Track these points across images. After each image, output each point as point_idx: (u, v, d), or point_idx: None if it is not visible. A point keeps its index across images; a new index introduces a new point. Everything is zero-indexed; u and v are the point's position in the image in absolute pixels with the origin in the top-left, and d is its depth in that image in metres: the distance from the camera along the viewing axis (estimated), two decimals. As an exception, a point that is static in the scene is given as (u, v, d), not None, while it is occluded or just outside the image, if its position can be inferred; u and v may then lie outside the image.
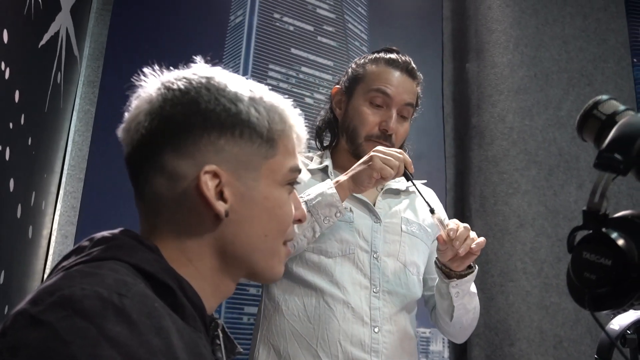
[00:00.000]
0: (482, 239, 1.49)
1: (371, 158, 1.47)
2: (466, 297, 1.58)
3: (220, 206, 0.80)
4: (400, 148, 1.71)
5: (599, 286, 0.71)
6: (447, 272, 1.55)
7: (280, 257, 0.90)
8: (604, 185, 0.71)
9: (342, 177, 1.50)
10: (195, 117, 0.80)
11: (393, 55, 1.69)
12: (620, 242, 0.70)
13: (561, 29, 2.40)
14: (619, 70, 2.37)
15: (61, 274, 0.70)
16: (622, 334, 1.11)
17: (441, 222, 1.51)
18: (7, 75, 1.31)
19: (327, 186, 1.48)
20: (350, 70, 1.73)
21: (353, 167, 1.50)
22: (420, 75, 1.71)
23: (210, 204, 0.79)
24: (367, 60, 1.70)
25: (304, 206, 1.20)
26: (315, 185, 1.51)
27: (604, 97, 0.82)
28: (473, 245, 1.47)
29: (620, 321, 1.13)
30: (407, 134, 1.69)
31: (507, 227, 2.16)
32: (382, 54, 1.70)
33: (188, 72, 0.85)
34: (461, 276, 1.54)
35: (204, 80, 0.83)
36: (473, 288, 1.62)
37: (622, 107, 0.80)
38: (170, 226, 0.81)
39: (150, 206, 0.82)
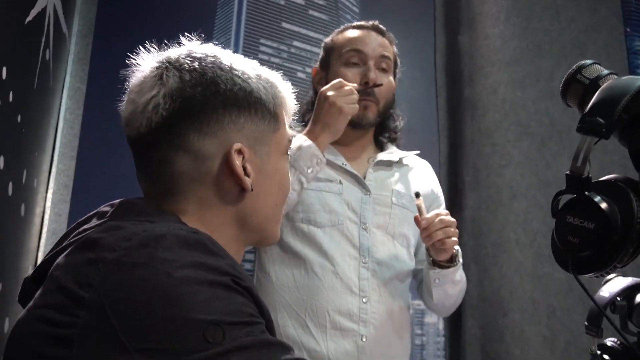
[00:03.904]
0: (453, 239, 1.51)
1: (340, 109, 1.51)
2: (447, 284, 1.60)
3: (248, 181, 0.85)
4: (390, 108, 1.72)
5: (582, 249, 0.72)
6: (433, 258, 1.57)
7: (280, 221, 0.97)
8: (587, 149, 0.72)
9: (319, 132, 1.53)
10: (216, 98, 0.84)
11: (360, 22, 1.74)
12: (604, 205, 0.71)
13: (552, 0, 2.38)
14: (611, 40, 2.35)
15: (111, 225, 0.73)
16: (612, 301, 1.11)
17: (420, 208, 1.53)
18: (-7, 52, 1.30)
19: (302, 139, 1.52)
20: (322, 48, 1.78)
21: (320, 117, 1.53)
22: (391, 35, 1.74)
23: (240, 180, 0.84)
24: (335, 34, 1.75)
25: None
26: None
27: (588, 61, 0.82)
28: (446, 240, 1.49)
29: (610, 288, 1.13)
30: (392, 89, 1.70)
31: (500, 198, 2.16)
32: (348, 25, 1.76)
33: (188, 50, 0.88)
34: (442, 267, 1.56)
35: (213, 59, 0.87)
36: (459, 276, 1.63)
37: (605, 72, 0.80)
38: (192, 203, 0.85)
39: (167, 185, 0.85)
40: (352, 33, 1.70)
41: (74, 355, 0.63)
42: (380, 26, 1.73)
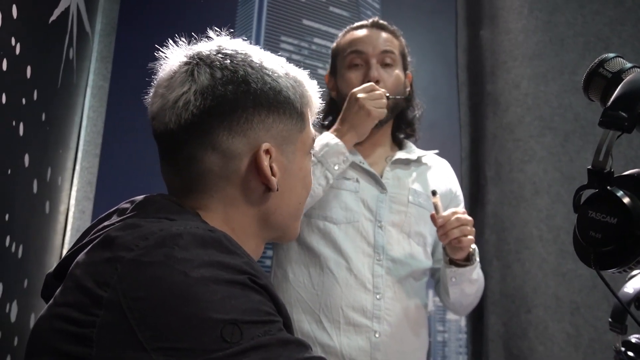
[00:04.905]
0: (470, 237, 1.50)
1: (369, 112, 1.53)
2: (464, 283, 1.60)
3: (274, 181, 0.85)
4: (403, 101, 1.71)
5: (604, 245, 0.71)
6: (449, 257, 1.56)
7: (301, 218, 0.98)
8: (609, 143, 0.71)
9: (345, 131, 1.56)
10: (247, 97, 0.84)
11: (360, 22, 1.75)
12: (626, 200, 0.70)
13: (576, -8, 2.36)
14: (636, 33, 2.32)
15: (129, 223, 0.73)
16: (637, 297, 1.10)
17: (436, 206, 1.53)
18: (17, 51, 1.32)
19: (329, 137, 1.54)
20: (330, 53, 1.80)
21: (348, 118, 1.56)
22: (394, 28, 1.74)
23: (267, 180, 0.85)
24: (339, 38, 1.77)
25: (312, 158, 1.38)
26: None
27: (610, 55, 0.81)
28: (462, 238, 1.48)
29: (634, 284, 1.12)
30: (400, 81, 1.69)
31: (522, 194, 2.14)
32: (350, 27, 1.78)
33: (217, 46, 0.87)
34: (459, 265, 1.56)
35: (244, 57, 0.86)
36: (476, 275, 1.63)
37: (628, 65, 0.79)
38: (216, 200, 0.85)
39: (193, 181, 0.85)
40: (353, 35, 1.72)
41: (93, 354, 0.64)
42: (381, 21, 1.74)
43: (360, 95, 1.54)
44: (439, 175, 1.75)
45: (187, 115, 0.82)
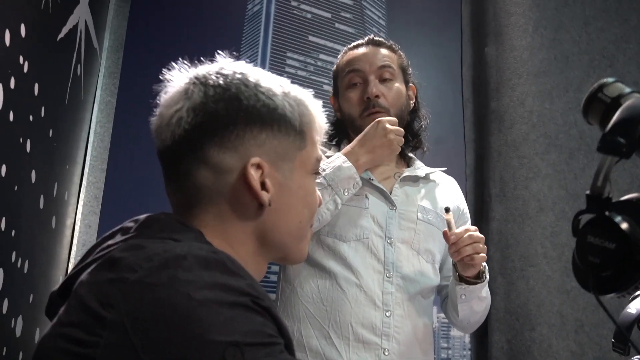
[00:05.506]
0: (481, 255, 1.50)
1: (390, 142, 1.56)
2: (474, 300, 1.60)
3: (265, 196, 0.85)
4: (405, 113, 1.72)
5: (603, 269, 0.71)
6: (460, 274, 1.56)
7: (307, 240, 0.97)
8: (607, 168, 0.71)
9: (362, 154, 1.56)
10: (238, 113, 0.85)
11: (357, 42, 1.76)
12: (624, 225, 0.70)
13: (581, 10, 2.36)
14: (641, 51, 2.32)
15: (133, 244, 0.74)
16: (639, 318, 1.10)
17: (449, 223, 1.53)
18: (25, 69, 1.34)
19: (342, 160, 1.55)
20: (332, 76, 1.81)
21: (368, 141, 1.57)
22: (392, 43, 1.76)
23: (256, 194, 0.85)
24: (338, 59, 1.78)
25: (322, 180, 1.45)
26: (327, 160, 1.57)
27: (610, 79, 0.82)
28: (475, 255, 1.48)
29: (637, 305, 1.12)
30: (402, 95, 1.70)
31: (527, 211, 2.14)
32: (347, 47, 1.78)
33: (218, 67, 0.89)
34: (469, 283, 1.56)
35: (239, 76, 0.88)
36: (485, 292, 1.62)
37: (627, 90, 0.79)
38: (213, 215, 0.86)
39: (191, 197, 0.86)
40: (350, 55, 1.73)
41: None
42: (378, 39, 1.74)
43: (388, 125, 1.55)
44: (447, 193, 1.76)
45: (180, 131, 0.84)
